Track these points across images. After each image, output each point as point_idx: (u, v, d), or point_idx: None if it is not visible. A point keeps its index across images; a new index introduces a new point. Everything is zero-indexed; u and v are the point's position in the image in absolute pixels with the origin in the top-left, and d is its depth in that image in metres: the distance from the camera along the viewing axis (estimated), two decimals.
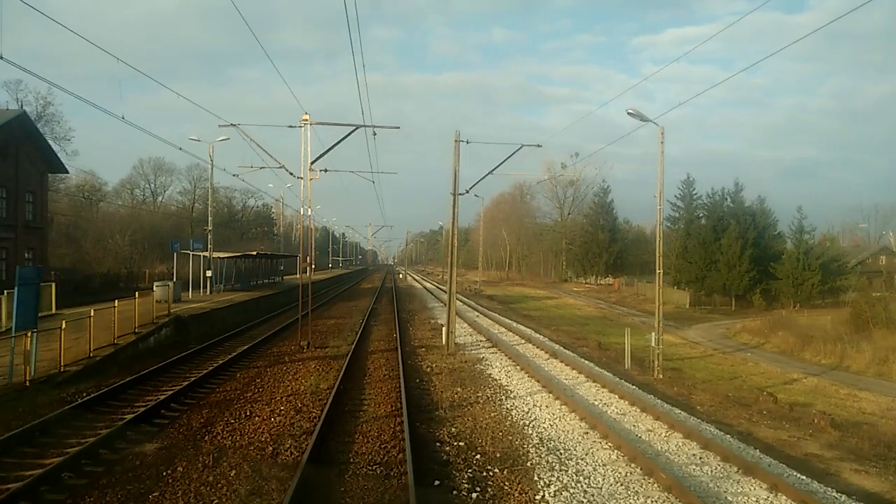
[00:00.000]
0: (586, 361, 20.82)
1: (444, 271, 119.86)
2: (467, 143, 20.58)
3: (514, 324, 34.34)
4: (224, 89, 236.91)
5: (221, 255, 35.80)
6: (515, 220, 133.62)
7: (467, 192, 21.39)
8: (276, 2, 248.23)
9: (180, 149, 27.61)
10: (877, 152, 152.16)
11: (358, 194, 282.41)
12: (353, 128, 20.45)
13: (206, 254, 33.35)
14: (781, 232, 68.10)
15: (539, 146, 20.37)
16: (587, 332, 38.69)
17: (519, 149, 20.83)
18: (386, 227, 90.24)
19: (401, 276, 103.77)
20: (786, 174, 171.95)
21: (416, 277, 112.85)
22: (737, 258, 61.53)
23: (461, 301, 50.90)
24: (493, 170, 21.43)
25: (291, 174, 20.90)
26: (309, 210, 20.74)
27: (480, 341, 24.65)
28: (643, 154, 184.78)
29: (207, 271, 33.23)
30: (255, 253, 35.65)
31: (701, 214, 77.35)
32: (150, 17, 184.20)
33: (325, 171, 21.43)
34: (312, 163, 20.39)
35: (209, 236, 33.74)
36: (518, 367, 18.21)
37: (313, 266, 67.15)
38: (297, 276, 68.39)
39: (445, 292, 62.71)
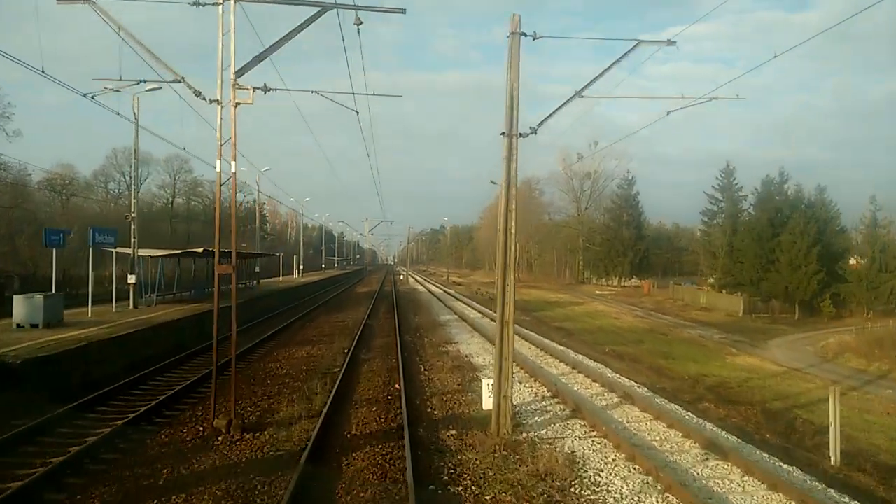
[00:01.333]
0: (769, 458, 10.79)
1: (449, 272, 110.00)
2: (534, 37, 10.72)
3: (564, 349, 24.54)
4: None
5: (153, 252, 25.89)
6: (525, 217, 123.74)
7: (533, 131, 11.50)
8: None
9: (91, 98, 17.54)
10: (879, 152, 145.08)
11: (357, 189, 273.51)
12: (319, 8, 10.60)
13: (130, 251, 23.52)
14: (845, 227, 58.30)
15: (671, 43, 10.48)
16: (656, 358, 28.95)
17: (636, 45, 10.91)
18: (385, 223, 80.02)
19: (402, 277, 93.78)
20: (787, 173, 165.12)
21: (419, 279, 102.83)
22: (802, 257, 51.61)
23: (474, 309, 41.11)
24: (597, 79, 11.51)
25: (200, 95, 10.95)
26: (232, 166, 10.83)
27: (539, 394, 14.78)
28: (645, 154, 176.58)
29: (130, 276, 23.36)
30: (200, 251, 25.65)
31: (747, 206, 67.53)
32: (148, 12, 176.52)
33: (266, 89, 11.49)
34: (239, 72, 10.51)
35: (133, 226, 23.87)
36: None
37: (301, 267, 57.17)
38: (281, 278, 58.45)
39: (456, 297, 52.65)
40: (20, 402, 11.60)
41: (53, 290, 19.85)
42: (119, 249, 24.57)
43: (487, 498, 8.16)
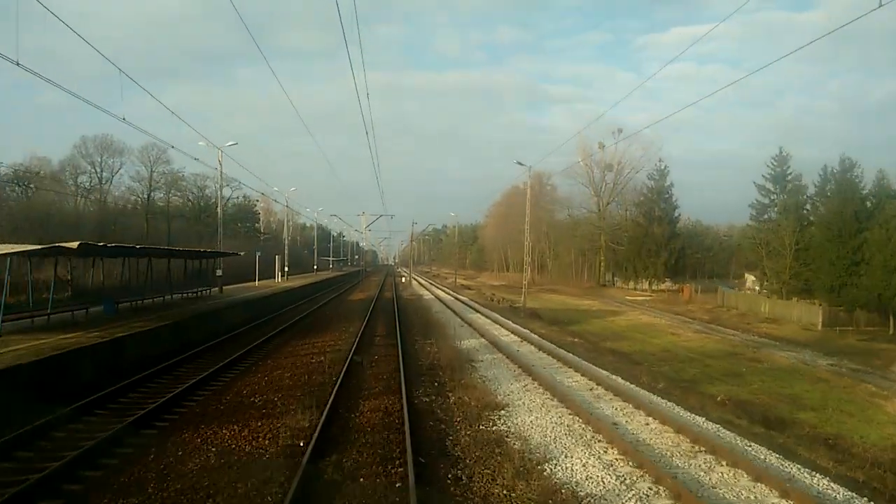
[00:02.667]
0: None
1: (456, 274, 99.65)
2: None
3: (653, 397, 14.71)
4: (224, 88, 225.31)
5: (5, 249, 15.85)
6: (536, 213, 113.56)
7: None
8: (280, 1, 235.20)
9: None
10: (882, 153, 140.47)
11: (357, 189, 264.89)
12: None
13: None
14: None
15: None
16: (789, 408, 19.24)
17: None
18: (385, 217, 68.69)
19: (404, 279, 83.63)
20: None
21: (422, 281, 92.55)
22: None
23: (500, 325, 31.16)
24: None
25: None
26: None
27: None
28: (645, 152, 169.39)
29: None
30: (75, 246, 15.49)
31: (809, 198, 57.55)
32: (153, 16, 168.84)
33: None
34: None
35: None
36: None
37: (286, 269, 46.97)
38: (257, 282, 48.19)
39: (471, 306, 42.51)
40: None
41: None
42: None
43: None
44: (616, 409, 13.45)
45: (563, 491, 8.52)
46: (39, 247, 16.69)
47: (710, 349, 33.31)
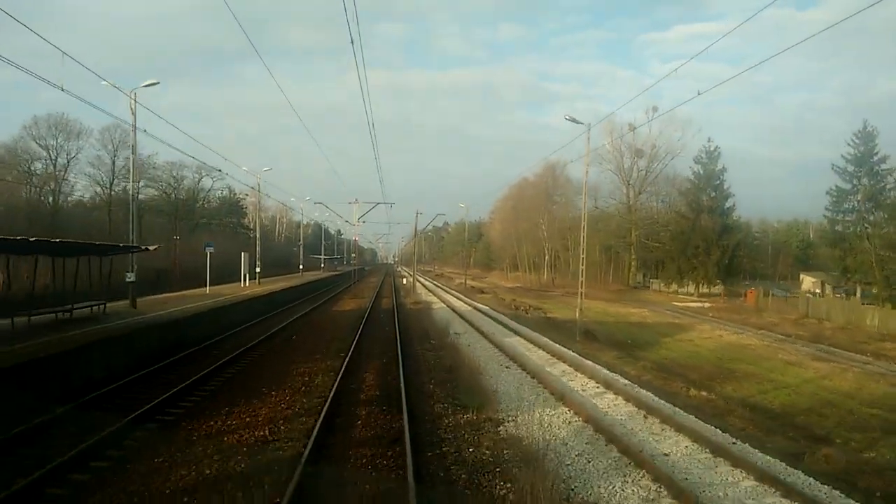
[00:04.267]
0: None
1: (464, 274, 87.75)
2: None
3: None
4: (226, 87, 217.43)
5: None
6: (548, 206, 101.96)
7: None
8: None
9: None
10: (886, 151, 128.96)
11: (358, 190, 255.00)
12: None
13: None
14: None
15: None
16: None
17: None
18: (385, 214, 56.03)
19: (405, 281, 71.75)
20: (790, 172, 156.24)
21: (427, 283, 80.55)
22: None
23: (545, 348, 19.66)
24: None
25: None
26: None
27: None
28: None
29: None
30: None
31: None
32: (153, 13, 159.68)
33: None
34: None
35: None
36: None
37: (258, 270, 35.14)
38: (207, 289, 36.01)
39: (494, 318, 28.29)
40: None
41: None
42: None
43: None
44: None
45: None
46: None
47: (879, 396, 21.69)
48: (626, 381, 17.03)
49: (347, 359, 17.48)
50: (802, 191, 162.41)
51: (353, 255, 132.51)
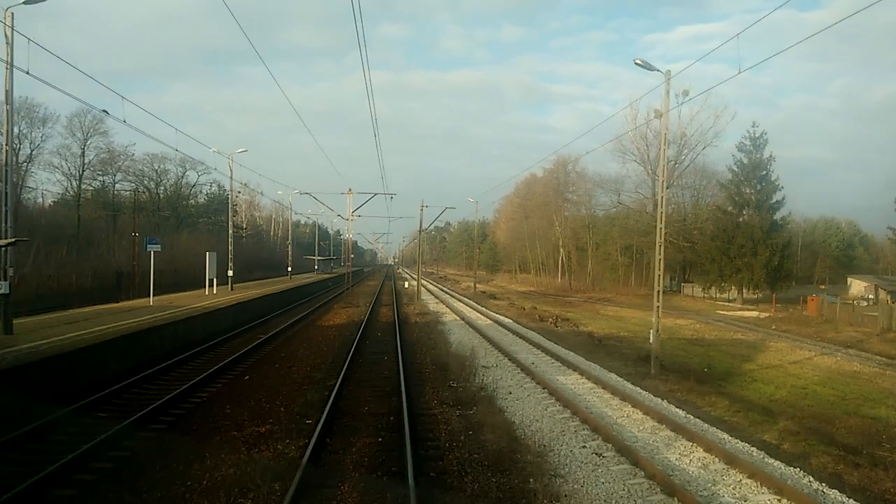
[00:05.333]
0: None
1: (474, 277, 79.90)
2: None
3: None
4: (228, 87, 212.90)
5: None
6: (558, 203, 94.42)
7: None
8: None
9: None
10: (884, 152, 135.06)
11: (358, 188, 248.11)
12: None
13: None
14: None
15: None
16: None
17: None
18: (384, 196, 47.91)
19: (406, 285, 63.92)
20: (791, 173, 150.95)
21: (431, 288, 72.54)
22: None
23: (616, 393, 11.83)
24: None
25: None
26: None
27: None
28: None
29: None
30: None
31: None
32: (155, 14, 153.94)
33: None
34: None
35: None
36: None
37: (230, 274, 27.83)
38: (160, 295, 27.77)
39: (524, 337, 21.38)
40: None
41: None
42: None
43: None
44: None
45: None
46: None
47: None
48: (803, 477, 9.41)
49: (315, 436, 9.85)
50: (802, 191, 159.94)
51: (352, 256, 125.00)
